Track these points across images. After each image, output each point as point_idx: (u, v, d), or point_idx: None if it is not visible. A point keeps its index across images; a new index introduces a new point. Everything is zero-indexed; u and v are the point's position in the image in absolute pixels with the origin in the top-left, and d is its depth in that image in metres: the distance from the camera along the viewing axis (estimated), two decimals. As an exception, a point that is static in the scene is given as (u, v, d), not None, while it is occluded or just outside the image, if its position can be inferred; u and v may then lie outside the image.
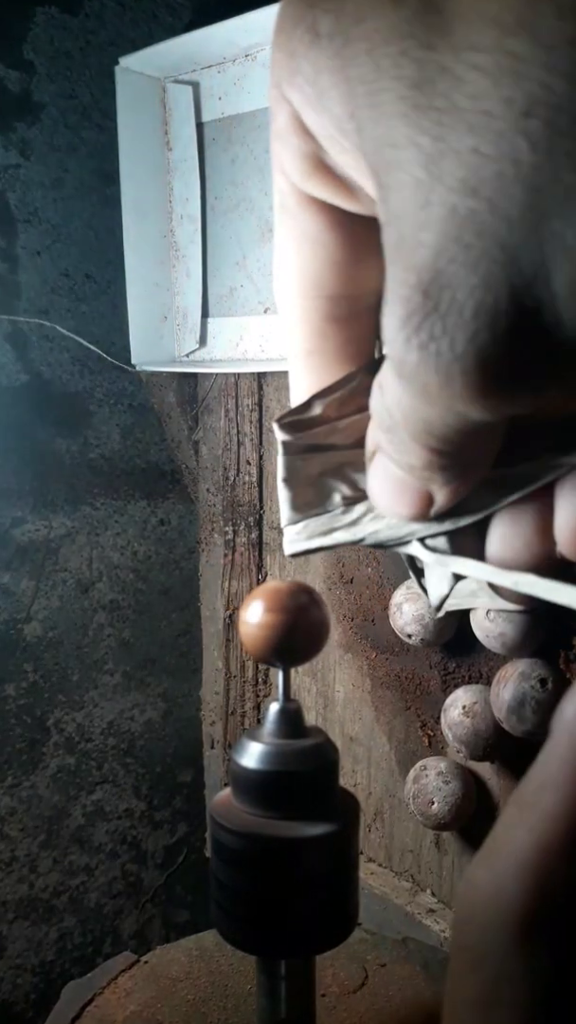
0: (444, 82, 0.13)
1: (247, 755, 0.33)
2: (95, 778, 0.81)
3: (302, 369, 0.22)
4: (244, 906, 0.32)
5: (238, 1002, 0.52)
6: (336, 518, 0.23)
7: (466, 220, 0.13)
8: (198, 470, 0.80)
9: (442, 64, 0.13)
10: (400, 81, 0.14)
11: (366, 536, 0.23)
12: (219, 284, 0.71)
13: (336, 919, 0.33)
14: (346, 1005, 0.52)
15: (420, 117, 0.14)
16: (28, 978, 0.78)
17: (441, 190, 0.14)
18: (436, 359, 0.15)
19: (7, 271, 0.69)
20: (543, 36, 0.12)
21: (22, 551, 0.73)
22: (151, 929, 0.87)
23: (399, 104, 0.14)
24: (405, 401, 0.17)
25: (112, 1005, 0.53)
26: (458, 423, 0.17)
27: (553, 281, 0.13)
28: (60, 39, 0.68)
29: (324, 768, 0.33)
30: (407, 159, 0.14)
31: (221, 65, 0.66)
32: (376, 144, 0.15)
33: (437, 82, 0.13)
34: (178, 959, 0.57)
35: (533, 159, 0.13)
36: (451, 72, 0.13)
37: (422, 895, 0.65)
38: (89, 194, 0.72)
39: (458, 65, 0.13)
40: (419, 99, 0.14)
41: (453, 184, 0.13)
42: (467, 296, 0.14)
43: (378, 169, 0.15)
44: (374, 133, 0.15)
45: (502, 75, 0.13)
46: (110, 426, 0.77)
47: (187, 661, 0.85)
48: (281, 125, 0.17)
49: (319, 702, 0.73)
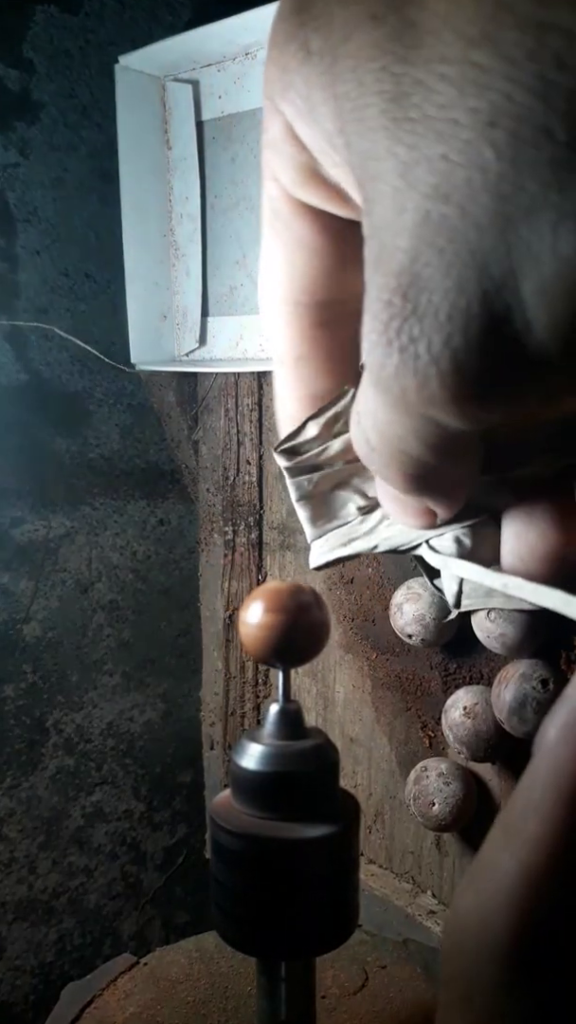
0: (418, 94, 0.14)
1: (247, 756, 0.33)
2: (94, 779, 0.80)
3: (291, 376, 0.22)
4: (244, 907, 0.32)
5: (238, 1004, 0.52)
6: (354, 528, 0.24)
7: (439, 225, 0.14)
8: (198, 470, 0.80)
9: (416, 77, 0.14)
10: (381, 96, 0.14)
11: (379, 542, 0.24)
12: (219, 283, 0.71)
13: (336, 921, 0.33)
14: (346, 1007, 0.52)
15: (397, 128, 0.14)
16: (27, 979, 0.78)
17: (415, 196, 0.14)
18: (414, 361, 0.15)
19: (6, 270, 0.69)
20: (505, 48, 0.13)
21: (21, 551, 0.73)
22: (151, 930, 0.87)
23: (380, 118, 0.14)
24: (381, 416, 0.17)
25: (112, 1007, 0.53)
26: (433, 437, 0.17)
27: (522, 288, 0.14)
28: (59, 38, 0.68)
29: (324, 769, 0.33)
30: (386, 169, 0.14)
31: (221, 63, 0.66)
32: (361, 158, 0.15)
33: (412, 94, 0.14)
34: (178, 961, 0.56)
35: (499, 167, 0.13)
36: (424, 84, 0.14)
37: (423, 897, 0.65)
38: (89, 193, 0.72)
39: (429, 77, 0.14)
40: (397, 112, 0.14)
41: (426, 190, 0.14)
42: (442, 298, 0.14)
43: (363, 182, 0.15)
44: (360, 147, 0.15)
45: (467, 85, 0.13)
46: (109, 426, 0.77)
47: (187, 662, 0.85)
48: (275, 135, 0.18)
49: (319, 703, 0.72)
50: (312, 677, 0.72)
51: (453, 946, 0.18)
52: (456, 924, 0.19)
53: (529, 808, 0.18)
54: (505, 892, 0.17)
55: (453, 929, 0.19)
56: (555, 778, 0.18)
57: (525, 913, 0.17)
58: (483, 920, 0.18)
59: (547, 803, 0.18)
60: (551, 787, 0.18)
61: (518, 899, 0.17)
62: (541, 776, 0.18)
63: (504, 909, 0.17)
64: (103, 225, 0.72)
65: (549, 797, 0.18)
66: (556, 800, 0.17)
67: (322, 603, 0.32)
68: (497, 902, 0.17)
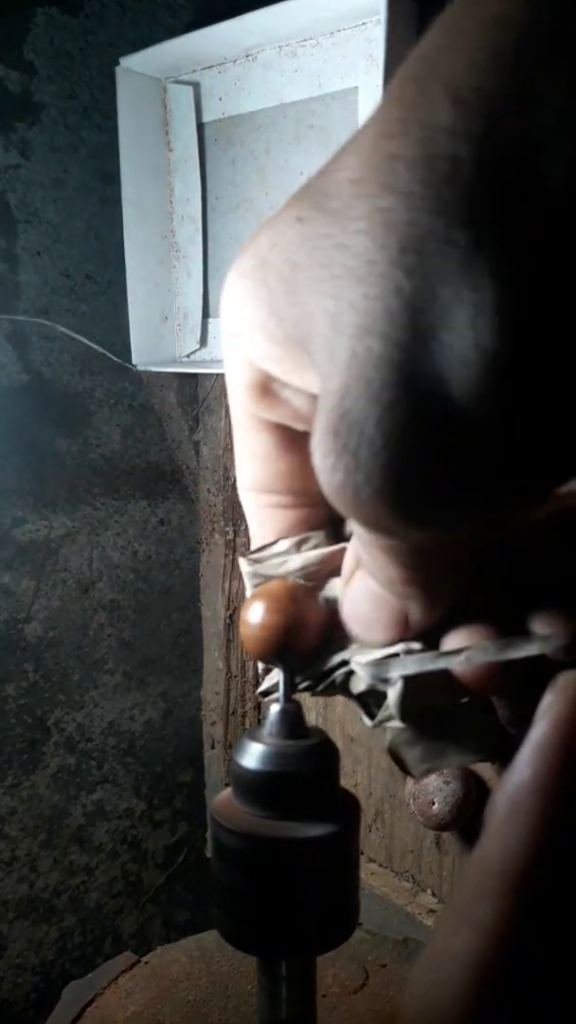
0: (340, 254, 0.15)
1: (247, 755, 0.33)
2: (95, 778, 0.81)
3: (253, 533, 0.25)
4: (244, 906, 0.32)
5: (238, 1002, 0.52)
6: None
7: (365, 359, 0.15)
8: (199, 470, 0.80)
9: (336, 242, 0.15)
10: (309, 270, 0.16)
11: None
12: (220, 284, 0.71)
13: (337, 920, 0.33)
14: (347, 1005, 0.52)
15: (326, 287, 0.16)
16: (28, 978, 0.78)
17: (343, 340, 0.15)
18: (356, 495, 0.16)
19: (7, 271, 0.69)
20: (402, 187, 0.14)
21: (22, 551, 0.73)
22: (151, 929, 0.87)
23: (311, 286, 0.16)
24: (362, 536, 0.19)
25: (113, 1006, 0.53)
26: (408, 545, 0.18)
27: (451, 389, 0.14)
28: (60, 40, 0.68)
29: (325, 769, 0.33)
30: (320, 324, 0.16)
31: (221, 66, 0.66)
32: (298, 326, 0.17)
33: (336, 256, 0.15)
34: (178, 959, 0.57)
35: (412, 285, 0.14)
36: (343, 244, 0.15)
37: (423, 895, 0.65)
38: (89, 194, 0.72)
39: (346, 236, 0.15)
40: (324, 274, 0.16)
41: (351, 331, 0.15)
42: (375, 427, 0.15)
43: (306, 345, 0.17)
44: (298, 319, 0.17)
45: (377, 229, 0.15)
46: (110, 426, 0.77)
47: (187, 661, 0.85)
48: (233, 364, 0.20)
49: (320, 702, 0.72)
50: (312, 677, 0.72)
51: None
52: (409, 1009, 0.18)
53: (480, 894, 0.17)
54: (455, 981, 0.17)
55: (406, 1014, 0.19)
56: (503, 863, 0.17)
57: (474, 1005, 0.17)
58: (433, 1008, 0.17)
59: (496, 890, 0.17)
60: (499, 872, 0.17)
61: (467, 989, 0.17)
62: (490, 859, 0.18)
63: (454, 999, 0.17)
64: (104, 226, 0.72)
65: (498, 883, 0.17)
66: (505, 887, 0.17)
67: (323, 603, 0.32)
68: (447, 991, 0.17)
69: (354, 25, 0.57)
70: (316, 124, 0.61)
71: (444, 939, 0.18)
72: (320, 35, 0.59)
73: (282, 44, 0.62)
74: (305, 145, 0.62)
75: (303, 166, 0.62)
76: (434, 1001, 0.17)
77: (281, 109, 0.63)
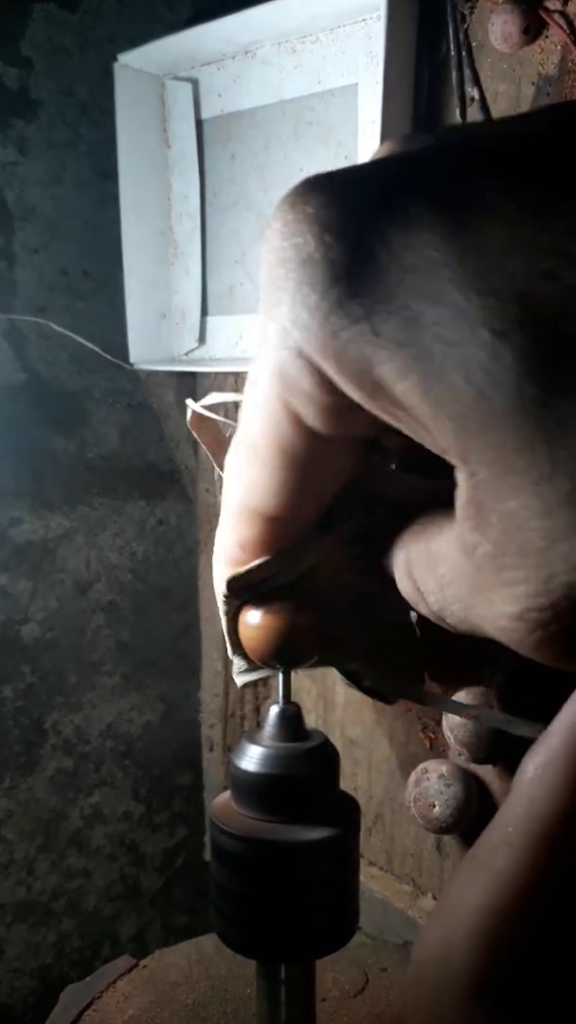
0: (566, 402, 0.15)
1: (246, 758, 0.32)
2: (93, 780, 0.80)
3: (232, 557, 0.25)
4: (244, 910, 0.32)
5: (238, 1007, 0.52)
6: None
7: None
8: (197, 470, 0.80)
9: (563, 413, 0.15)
10: None
11: None
12: (218, 282, 0.70)
13: (337, 923, 0.32)
14: (347, 1010, 0.52)
15: None
16: (26, 981, 0.78)
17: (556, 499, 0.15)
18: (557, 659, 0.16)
19: (4, 268, 0.68)
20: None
21: (19, 551, 0.72)
22: (150, 932, 0.87)
23: None
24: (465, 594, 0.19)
25: (111, 1010, 0.52)
26: None
27: None
28: (58, 35, 0.68)
29: (324, 771, 0.33)
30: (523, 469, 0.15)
31: (220, 62, 0.66)
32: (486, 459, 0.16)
33: None
34: (177, 963, 0.56)
35: None
36: None
37: (423, 899, 0.64)
38: (87, 191, 0.71)
39: None
40: None
41: None
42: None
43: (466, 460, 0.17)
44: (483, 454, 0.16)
45: None
46: (108, 425, 0.76)
47: (186, 663, 0.85)
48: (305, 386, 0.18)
49: (319, 704, 0.72)
50: (312, 679, 0.72)
51: (417, 977, 0.18)
52: (420, 954, 0.19)
53: (500, 844, 0.18)
54: (469, 926, 0.17)
55: (418, 960, 0.19)
56: (527, 818, 0.18)
57: (487, 951, 0.17)
58: (446, 955, 0.18)
59: (518, 842, 0.18)
60: (523, 826, 0.18)
61: (481, 936, 0.17)
62: (515, 814, 0.18)
63: (467, 943, 0.17)
64: (102, 223, 0.72)
65: (520, 836, 0.18)
66: (527, 840, 0.18)
67: (322, 603, 0.32)
68: (461, 936, 0.18)
69: (354, 21, 0.57)
70: (316, 121, 0.61)
71: (459, 888, 0.19)
72: (320, 31, 0.59)
73: (281, 40, 0.61)
74: (304, 142, 0.62)
75: (302, 163, 0.62)
76: (449, 941, 0.18)
77: (280, 106, 0.63)
